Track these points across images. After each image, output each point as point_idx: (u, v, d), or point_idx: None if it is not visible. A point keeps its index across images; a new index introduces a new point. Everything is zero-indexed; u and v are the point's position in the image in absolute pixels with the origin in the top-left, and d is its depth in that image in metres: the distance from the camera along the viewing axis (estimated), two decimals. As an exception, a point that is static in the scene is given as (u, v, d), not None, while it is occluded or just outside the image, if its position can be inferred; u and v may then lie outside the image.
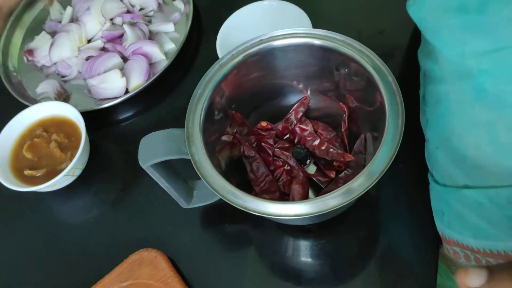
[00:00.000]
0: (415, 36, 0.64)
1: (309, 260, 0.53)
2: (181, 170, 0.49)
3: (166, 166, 0.46)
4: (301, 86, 0.53)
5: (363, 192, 0.37)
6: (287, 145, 0.53)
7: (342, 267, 0.51)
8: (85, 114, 0.62)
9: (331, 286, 0.50)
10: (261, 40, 0.47)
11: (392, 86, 0.42)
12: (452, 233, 0.44)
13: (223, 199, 0.40)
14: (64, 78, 0.72)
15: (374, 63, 0.43)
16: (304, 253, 0.53)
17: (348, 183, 0.38)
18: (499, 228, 0.40)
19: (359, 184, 0.38)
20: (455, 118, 0.42)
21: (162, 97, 0.69)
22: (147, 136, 0.44)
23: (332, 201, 0.37)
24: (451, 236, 0.45)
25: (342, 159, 0.49)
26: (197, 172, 0.41)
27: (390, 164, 0.38)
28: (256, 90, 0.52)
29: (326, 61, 0.47)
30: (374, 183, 0.37)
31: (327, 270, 0.51)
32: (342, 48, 0.44)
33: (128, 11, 0.75)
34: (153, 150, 0.43)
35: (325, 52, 0.45)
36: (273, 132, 0.54)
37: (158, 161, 0.43)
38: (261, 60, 0.49)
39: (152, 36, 0.73)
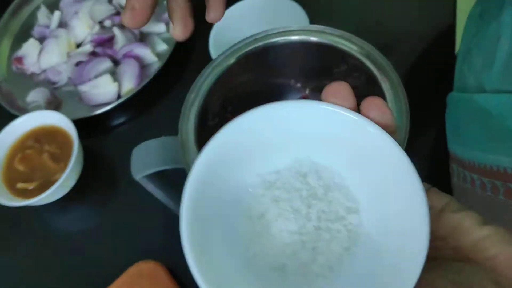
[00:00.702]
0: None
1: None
2: (176, 178, 0.47)
3: (161, 176, 0.44)
4: (299, 85, 0.51)
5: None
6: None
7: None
8: (77, 122, 0.60)
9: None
10: (255, 39, 0.45)
11: (394, 82, 0.39)
12: (453, 144, 0.47)
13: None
14: (55, 85, 0.69)
15: (374, 58, 0.40)
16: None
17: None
18: (497, 139, 0.41)
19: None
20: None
21: (156, 100, 0.67)
22: (139, 146, 0.42)
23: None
24: (450, 148, 0.47)
25: None
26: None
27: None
28: (252, 91, 0.50)
29: (324, 58, 0.45)
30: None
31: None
32: (340, 45, 0.41)
33: (117, 13, 0.73)
34: (145, 160, 0.41)
35: (323, 49, 0.43)
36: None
37: (152, 172, 0.40)
38: (256, 60, 0.46)
39: (143, 38, 0.71)
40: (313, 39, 0.42)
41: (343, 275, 0.26)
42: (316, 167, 0.29)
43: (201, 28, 0.71)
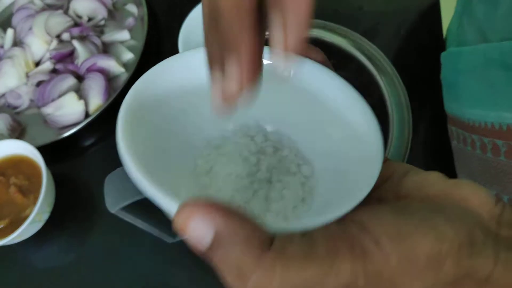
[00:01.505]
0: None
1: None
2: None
3: (140, 204, 0.39)
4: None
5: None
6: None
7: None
8: (45, 147, 0.55)
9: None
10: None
11: (390, 74, 0.35)
12: (451, 105, 0.43)
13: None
14: (16, 110, 0.64)
15: (365, 49, 0.36)
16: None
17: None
18: (501, 93, 0.39)
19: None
20: None
21: (129, 114, 0.62)
22: (112, 174, 0.37)
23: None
24: (448, 109, 0.44)
25: None
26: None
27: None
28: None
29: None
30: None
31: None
32: (326, 37, 0.37)
33: (75, 24, 0.67)
34: (121, 190, 0.36)
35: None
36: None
37: (130, 203, 0.36)
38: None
39: (106, 48, 0.66)
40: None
41: (297, 223, 0.24)
42: (264, 131, 0.27)
43: (169, 31, 0.67)
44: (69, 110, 0.59)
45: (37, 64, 0.66)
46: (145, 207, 0.40)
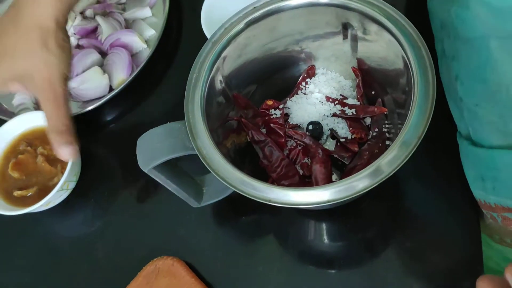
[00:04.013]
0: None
1: (339, 242, 0.49)
2: (184, 165, 0.44)
3: (170, 165, 0.40)
4: (303, 55, 0.48)
5: (397, 168, 0.32)
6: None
7: (373, 243, 0.47)
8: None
9: (365, 265, 0.46)
10: (254, 7, 0.42)
11: (414, 37, 0.36)
12: (499, 199, 0.39)
13: (243, 193, 0.35)
14: (41, 84, 0.65)
15: (388, 14, 0.37)
16: (332, 235, 0.49)
17: (379, 159, 0.33)
18: None
19: (391, 159, 0.33)
20: (501, 67, 0.36)
21: (151, 89, 0.63)
22: (144, 135, 0.38)
23: (361, 183, 0.33)
24: (498, 202, 0.39)
25: (374, 110, 0.44)
26: (208, 168, 0.36)
27: (426, 130, 0.33)
28: (255, 66, 0.47)
29: (333, 21, 0.41)
30: (410, 155, 0.33)
31: (359, 249, 0.47)
32: (354, 4, 0.38)
33: (98, 1, 0.69)
34: (153, 150, 0.37)
35: (331, 10, 0.40)
36: (281, 110, 0.48)
37: (161, 162, 0.37)
38: (258, 31, 0.43)
39: (128, 25, 0.67)
40: (322, 0, 0.39)
41: None
42: None
43: (190, 7, 0.68)
44: (94, 84, 0.60)
45: (61, 40, 0.67)
46: (176, 170, 0.42)
